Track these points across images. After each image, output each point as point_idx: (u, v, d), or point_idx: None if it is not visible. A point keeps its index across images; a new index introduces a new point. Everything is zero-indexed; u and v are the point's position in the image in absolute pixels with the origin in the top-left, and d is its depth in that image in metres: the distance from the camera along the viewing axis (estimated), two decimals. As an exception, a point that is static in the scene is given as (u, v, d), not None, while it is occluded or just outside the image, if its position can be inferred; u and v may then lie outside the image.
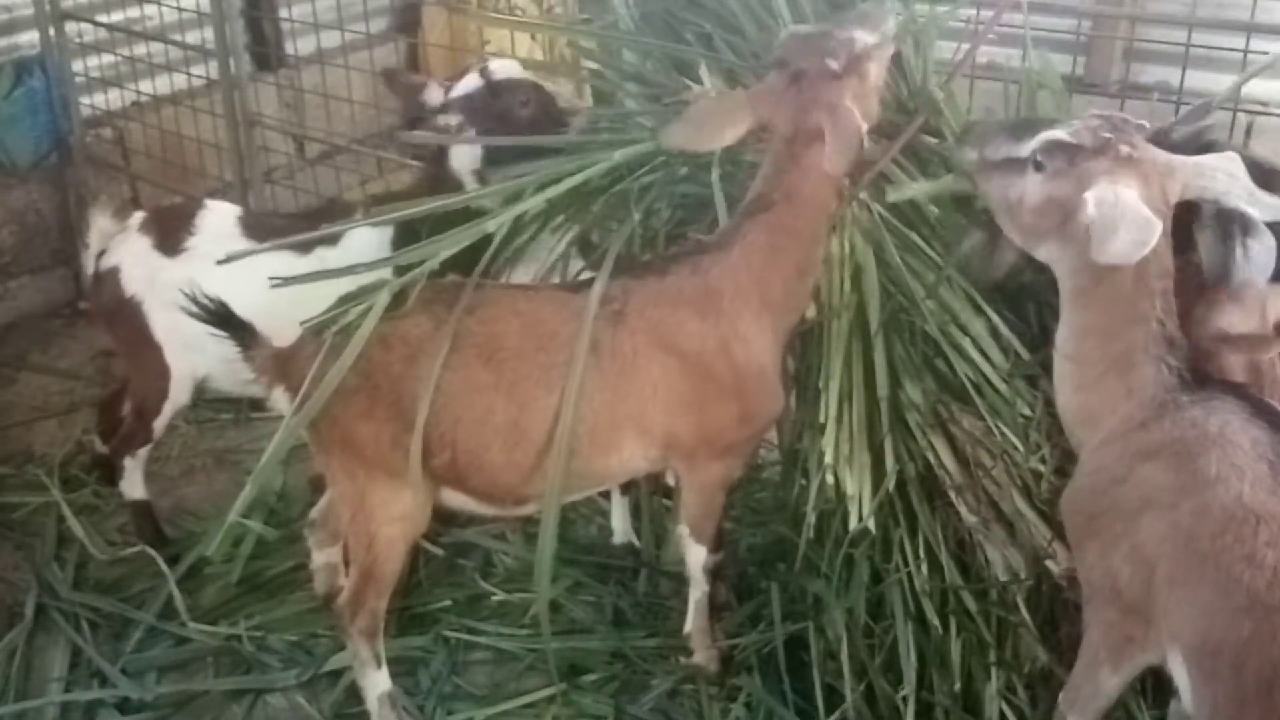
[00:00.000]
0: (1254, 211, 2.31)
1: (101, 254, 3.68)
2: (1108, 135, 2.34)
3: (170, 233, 3.60)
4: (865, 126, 2.74)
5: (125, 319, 3.60)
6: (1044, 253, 2.49)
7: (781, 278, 2.86)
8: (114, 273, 3.61)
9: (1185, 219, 2.44)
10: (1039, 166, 2.41)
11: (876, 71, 2.82)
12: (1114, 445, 2.37)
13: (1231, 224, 2.33)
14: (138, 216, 3.71)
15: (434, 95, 3.65)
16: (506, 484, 2.91)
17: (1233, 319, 2.41)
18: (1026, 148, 2.44)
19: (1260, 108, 4.16)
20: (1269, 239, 2.32)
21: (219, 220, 3.64)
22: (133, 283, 3.58)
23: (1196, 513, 2.19)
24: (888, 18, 2.84)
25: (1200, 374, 2.34)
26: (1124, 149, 2.32)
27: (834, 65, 2.71)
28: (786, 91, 2.75)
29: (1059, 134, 2.38)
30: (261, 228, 3.61)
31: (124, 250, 3.62)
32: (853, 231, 3.04)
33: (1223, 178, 2.33)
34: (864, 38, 2.76)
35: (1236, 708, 2.11)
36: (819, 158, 2.72)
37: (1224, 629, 2.12)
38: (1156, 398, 2.32)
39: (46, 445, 4.44)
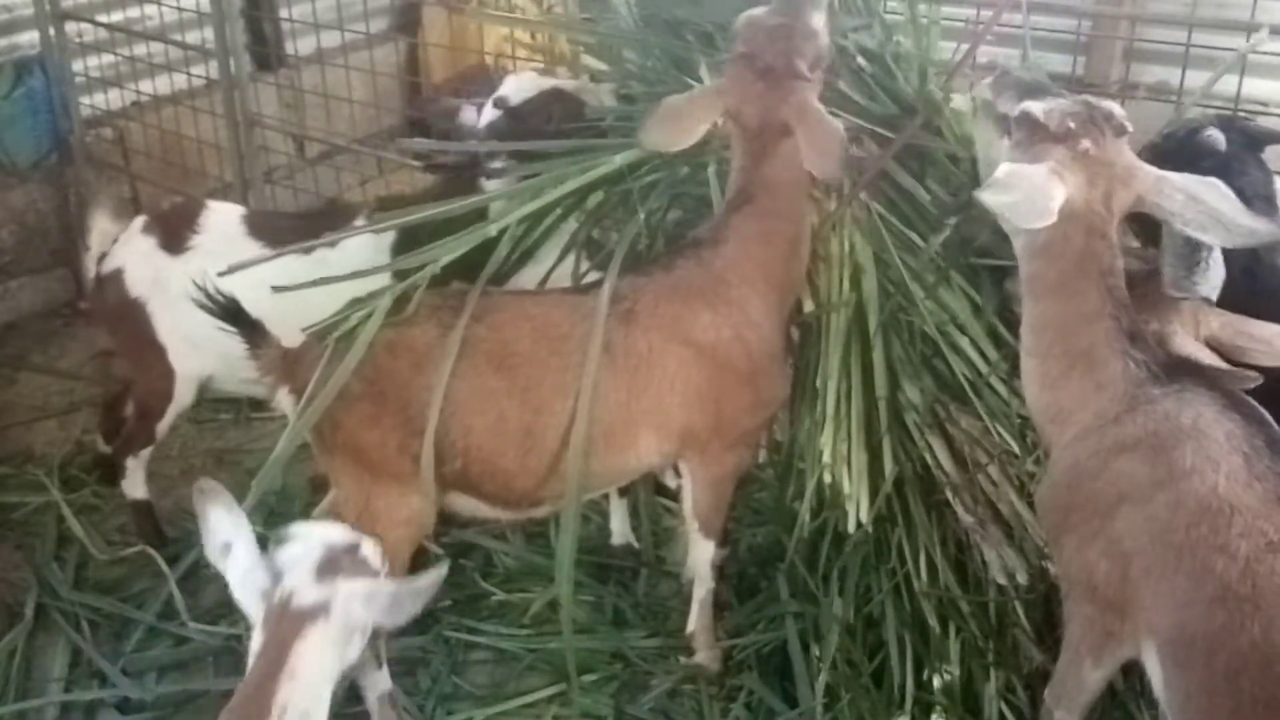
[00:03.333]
0: (1206, 238, 2.32)
1: (103, 256, 3.66)
2: (1072, 125, 2.33)
3: (174, 232, 3.59)
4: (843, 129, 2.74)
5: (129, 321, 3.58)
6: (1016, 246, 2.50)
7: (780, 259, 2.89)
8: (117, 274, 3.59)
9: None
10: (1010, 133, 2.43)
11: (827, 37, 2.84)
12: (1088, 440, 2.37)
13: (1201, 241, 2.35)
14: (140, 219, 3.70)
15: (470, 116, 3.62)
16: (521, 488, 2.91)
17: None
18: (1016, 109, 2.43)
19: (1260, 108, 4.16)
20: (1221, 264, 2.37)
21: (224, 220, 3.63)
22: (137, 284, 3.56)
23: (1171, 505, 2.19)
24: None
25: (1171, 367, 2.35)
26: (1084, 144, 2.32)
27: (803, 67, 2.72)
28: (754, 86, 2.77)
29: (1035, 107, 2.37)
30: (266, 227, 3.60)
31: (127, 251, 3.61)
32: (852, 231, 3.05)
33: (1180, 199, 2.32)
34: (822, 28, 2.77)
35: (1206, 698, 2.11)
36: (790, 150, 2.74)
37: (1197, 619, 2.13)
38: (1128, 392, 2.32)
39: (46, 445, 4.44)
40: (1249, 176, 2.72)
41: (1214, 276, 2.38)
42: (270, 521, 3.86)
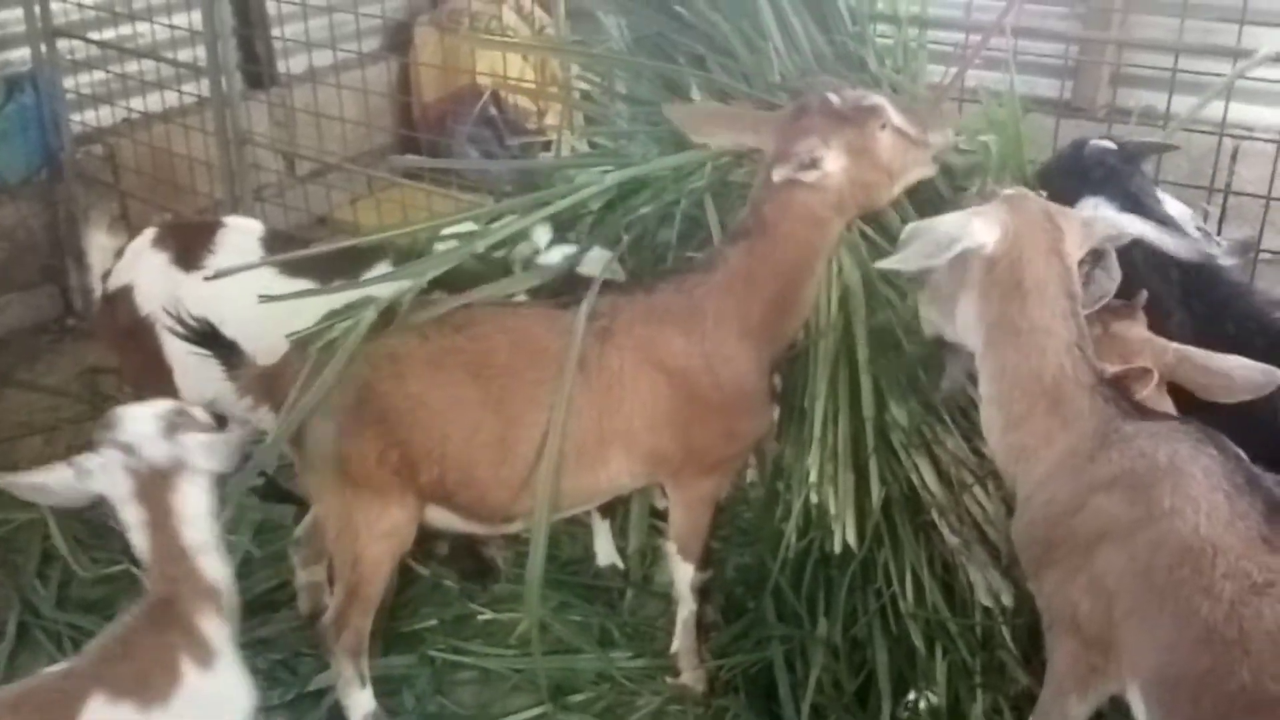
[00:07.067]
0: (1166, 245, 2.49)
1: (107, 273, 3.50)
2: (994, 188, 2.58)
3: (189, 250, 3.41)
4: (829, 164, 2.73)
5: (137, 340, 3.41)
6: (959, 321, 2.53)
7: (760, 309, 2.85)
8: (127, 292, 3.42)
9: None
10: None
11: (890, 148, 2.79)
12: (1061, 478, 2.35)
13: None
14: (149, 232, 3.51)
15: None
16: (495, 501, 2.90)
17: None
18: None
19: (1245, 132, 4.20)
20: (1116, 271, 2.52)
21: (241, 238, 3.45)
22: (149, 302, 3.36)
23: (1152, 546, 2.16)
24: (937, 128, 2.85)
25: (1139, 403, 2.35)
26: (1002, 191, 2.52)
27: (834, 100, 2.75)
28: (785, 120, 2.80)
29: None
30: (285, 248, 3.42)
31: (139, 268, 3.44)
32: (840, 251, 3.05)
33: (1124, 220, 2.55)
34: (889, 111, 2.77)
35: None
36: (795, 198, 2.76)
37: (1182, 662, 2.09)
38: (1099, 430, 2.30)
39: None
40: (1136, 180, 2.96)
41: (1101, 285, 2.53)
42: (257, 538, 3.86)
